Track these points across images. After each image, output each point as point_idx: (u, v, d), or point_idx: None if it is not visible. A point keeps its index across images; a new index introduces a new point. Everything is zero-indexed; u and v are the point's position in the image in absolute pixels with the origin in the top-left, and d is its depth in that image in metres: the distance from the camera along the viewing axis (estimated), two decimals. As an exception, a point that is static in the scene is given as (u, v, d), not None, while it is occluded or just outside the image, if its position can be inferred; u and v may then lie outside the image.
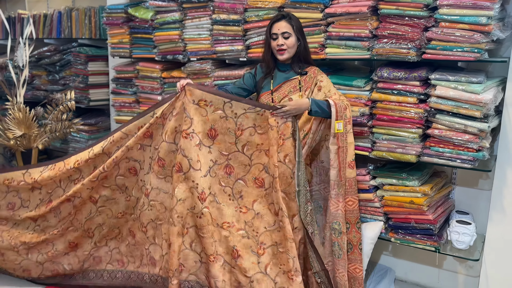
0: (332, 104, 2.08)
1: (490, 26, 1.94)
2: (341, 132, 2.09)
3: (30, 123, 3.08)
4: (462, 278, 2.55)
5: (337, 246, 2.13)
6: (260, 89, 2.30)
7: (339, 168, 2.10)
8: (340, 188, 2.11)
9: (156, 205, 2.23)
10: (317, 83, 2.22)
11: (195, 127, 2.13)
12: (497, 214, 2.21)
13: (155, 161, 2.21)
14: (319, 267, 2.13)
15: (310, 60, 2.28)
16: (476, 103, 2.00)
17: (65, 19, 3.81)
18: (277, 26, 2.19)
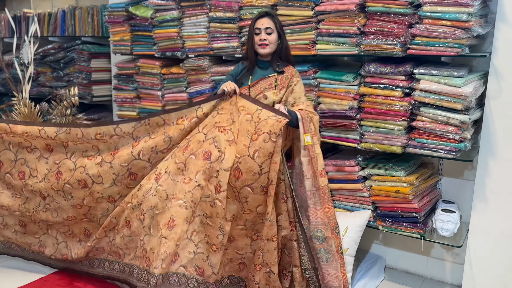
0: (300, 119, 2.20)
1: (470, 23, 2.03)
2: (310, 144, 2.20)
3: (35, 118, 3.20)
4: (449, 265, 2.65)
5: (323, 251, 2.22)
6: (240, 84, 2.39)
7: (312, 178, 2.21)
8: (316, 196, 2.22)
9: (160, 190, 2.25)
10: (291, 85, 2.33)
11: (232, 127, 2.22)
12: (480, 203, 2.30)
13: (181, 148, 2.29)
14: (309, 265, 2.24)
15: (290, 58, 2.39)
16: (458, 96, 2.09)
17: (68, 17, 3.93)
18: (261, 22, 2.31)
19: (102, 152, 2.41)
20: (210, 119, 2.30)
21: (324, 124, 2.51)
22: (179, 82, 3.11)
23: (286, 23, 2.55)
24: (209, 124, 2.28)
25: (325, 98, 2.47)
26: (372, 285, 2.56)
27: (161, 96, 3.20)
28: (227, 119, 2.25)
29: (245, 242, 2.25)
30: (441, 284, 2.65)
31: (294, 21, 2.51)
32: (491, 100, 2.20)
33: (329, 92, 2.46)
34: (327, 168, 2.54)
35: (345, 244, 2.37)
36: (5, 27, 4.61)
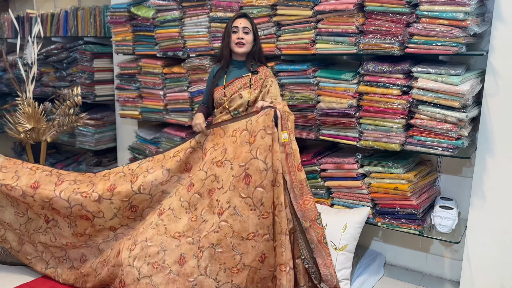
0: (278, 117, 2.27)
1: (467, 21, 2.06)
2: (287, 141, 2.27)
3: (39, 117, 3.24)
4: (447, 261, 2.68)
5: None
6: (216, 85, 2.48)
7: (289, 173, 2.27)
8: (296, 190, 2.28)
9: (160, 224, 2.36)
10: (266, 85, 2.42)
11: (228, 155, 2.31)
12: (478, 200, 2.33)
13: (185, 186, 2.41)
14: (307, 254, 2.27)
15: (263, 60, 2.52)
16: (455, 94, 2.12)
17: (71, 18, 3.97)
18: (239, 21, 2.40)
19: (96, 187, 2.46)
20: (209, 156, 2.40)
21: (324, 123, 2.54)
22: (181, 81, 3.15)
23: (286, 23, 2.58)
24: (208, 161, 2.38)
25: (325, 96, 2.50)
26: (372, 281, 2.59)
27: (163, 96, 3.24)
28: (220, 151, 2.35)
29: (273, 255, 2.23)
30: (440, 280, 2.68)
31: (293, 20, 2.55)
32: (488, 97, 2.22)
33: (328, 90, 2.49)
34: (327, 166, 2.57)
35: (345, 241, 2.41)
36: (9, 27, 4.65)
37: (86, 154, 4.33)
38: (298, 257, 2.30)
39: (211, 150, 2.41)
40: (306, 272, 2.29)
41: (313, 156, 2.65)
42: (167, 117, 3.27)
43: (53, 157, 4.47)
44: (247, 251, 2.14)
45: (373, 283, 2.59)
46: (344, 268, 2.41)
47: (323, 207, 2.57)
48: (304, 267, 2.28)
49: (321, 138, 2.58)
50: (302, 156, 2.65)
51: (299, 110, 2.60)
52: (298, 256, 2.30)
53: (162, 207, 2.43)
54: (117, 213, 2.44)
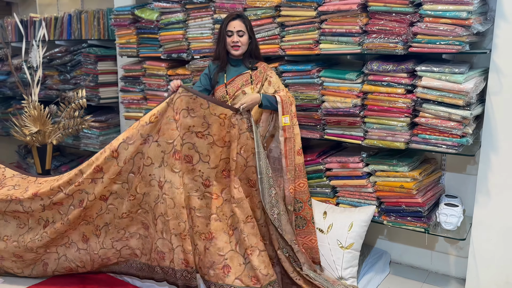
0: (279, 101, 2.35)
1: (470, 20, 2.08)
2: (288, 125, 2.34)
3: (44, 120, 3.27)
4: (453, 259, 2.69)
5: (300, 218, 2.44)
6: (216, 83, 2.51)
7: (285, 157, 2.37)
8: (290, 173, 2.37)
9: (166, 199, 2.31)
10: (267, 78, 2.47)
11: (211, 130, 2.33)
12: (483, 197, 2.35)
13: (170, 154, 2.31)
14: (283, 243, 2.34)
15: (260, 57, 2.55)
16: (459, 92, 2.14)
17: (75, 21, 3.99)
18: (233, 24, 2.40)
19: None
20: (182, 119, 2.33)
21: (328, 122, 2.56)
22: (185, 82, 3.16)
23: (290, 24, 2.61)
24: (184, 125, 2.33)
25: (329, 96, 2.52)
26: (378, 280, 2.61)
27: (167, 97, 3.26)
28: (201, 123, 2.34)
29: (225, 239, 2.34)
30: (446, 277, 2.69)
31: (297, 21, 2.57)
32: (491, 95, 2.24)
33: (332, 90, 2.51)
34: (332, 165, 2.59)
35: (351, 239, 2.42)
36: (12, 31, 4.68)
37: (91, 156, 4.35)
38: (278, 248, 2.35)
39: (184, 112, 2.33)
40: (288, 260, 2.35)
41: (318, 156, 2.67)
42: (172, 118, 3.28)
43: (57, 160, 4.49)
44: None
45: (379, 281, 2.61)
46: (350, 267, 2.43)
47: (328, 206, 2.59)
48: (285, 256, 2.35)
49: (326, 137, 2.60)
50: (307, 155, 2.68)
51: (303, 110, 2.63)
52: (277, 247, 2.35)
53: (160, 179, 2.34)
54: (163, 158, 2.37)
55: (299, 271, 2.34)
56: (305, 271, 2.33)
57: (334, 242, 2.44)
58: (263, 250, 2.31)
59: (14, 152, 4.94)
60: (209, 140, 2.34)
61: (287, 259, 2.34)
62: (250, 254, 2.27)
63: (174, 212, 2.31)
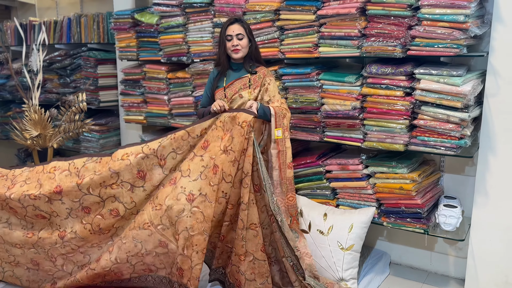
0: (273, 114, 2.34)
1: (467, 24, 2.11)
2: (280, 138, 2.34)
3: (45, 123, 3.28)
4: (452, 259, 2.72)
5: (292, 231, 2.39)
6: (216, 87, 2.52)
7: (279, 170, 2.37)
8: (282, 187, 2.37)
9: (196, 212, 2.22)
10: (265, 84, 2.46)
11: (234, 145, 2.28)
12: (481, 198, 2.37)
13: (210, 168, 2.27)
14: (290, 252, 2.34)
15: (261, 60, 2.55)
16: (457, 94, 2.16)
17: (74, 25, 4.01)
18: (232, 29, 2.42)
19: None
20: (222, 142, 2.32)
21: (328, 124, 2.58)
22: (185, 86, 3.19)
23: (289, 27, 2.63)
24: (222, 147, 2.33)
25: (329, 99, 2.55)
26: (378, 280, 2.63)
27: (167, 100, 3.28)
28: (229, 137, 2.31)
29: (232, 236, 2.38)
30: (445, 278, 2.71)
31: (297, 25, 2.59)
32: (489, 97, 2.27)
33: (332, 93, 2.53)
34: (332, 167, 2.61)
35: (351, 241, 2.44)
36: (12, 35, 4.69)
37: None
38: (283, 256, 2.36)
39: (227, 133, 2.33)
40: (292, 269, 2.36)
41: (318, 158, 2.69)
42: (172, 121, 3.31)
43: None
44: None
45: (379, 282, 2.63)
46: (351, 268, 2.45)
47: (328, 207, 2.61)
48: (289, 265, 2.36)
49: (325, 140, 2.62)
50: (307, 157, 2.70)
51: (303, 113, 2.65)
52: (283, 255, 2.36)
53: (192, 192, 2.26)
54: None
55: (301, 281, 2.34)
56: (307, 279, 2.33)
57: (334, 243, 2.45)
58: (261, 260, 2.31)
59: (13, 156, 4.95)
60: (231, 157, 2.26)
61: (292, 268, 2.35)
62: (242, 260, 2.29)
63: (201, 226, 2.22)
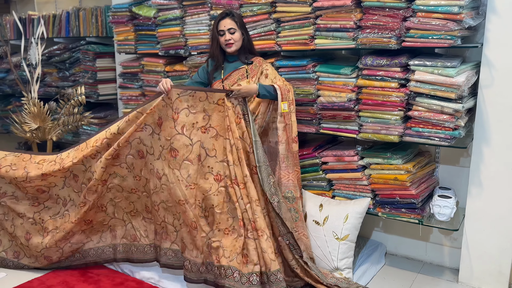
0: (277, 88, 2.42)
1: (461, 15, 2.12)
2: (286, 112, 2.41)
3: (44, 116, 3.32)
4: (447, 249, 2.74)
5: (293, 211, 2.47)
6: (212, 79, 2.57)
7: (287, 142, 2.42)
8: (289, 160, 2.43)
9: (165, 189, 2.42)
10: (263, 71, 2.52)
11: (212, 122, 2.38)
12: (475, 188, 2.40)
13: (167, 150, 2.40)
14: (285, 231, 2.38)
15: (254, 51, 2.60)
16: (451, 85, 2.18)
17: (73, 18, 4.03)
18: (223, 24, 2.46)
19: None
20: (185, 119, 2.38)
21: (324, 116, 2.60)
22: (183, 79, 3.21)
23: (285, 20, 2.64)
24: (188, 124, 2.38)
25: (324, 91, 2.56)
26: (373, 270, 2.66)
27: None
28: (203, 117, 2.39)
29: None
30: (440, 268, 2.74)
31: (293, 17, 2.60)
32: (483, 89, 2.29)
33: (328, 85, 2.55)
34: (328, 158, 2.64)
35: (346, 231, 2.47)
36: (11, 29, 4.71)
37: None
38: (279, 235, 2.40)
39: (185, 111, 2.38)
40: (288, 248, 2.39)
41: (314, 150, 2.71)
42: (170, 114, 3.33)
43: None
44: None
45: (375, 272, 2.66)
46: (346, 257, 2.48)
47: (324, 198, 2.64)
48: (285, 243, 2.39)
49: (321, 131, 2.65)
50: (303, 149, 2.72)
51: (299, 105, 2.67)
52: (278, 234, 2.40)
53: (158, 171, 2.43)
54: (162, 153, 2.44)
55: (298, 259, 2.38)
56: (304, 258, 2.38)
57: (329, 233, 2.48)
58: (269, 237, 2.35)
59: (14, 149, 4.97)
60: (211, 134, 2.38)
61: (287, 246, 2.38)
62: (260, 236, 2.30)
63: (173, 202, 2.42)
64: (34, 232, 2.68)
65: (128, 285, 2.53)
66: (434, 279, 2.61)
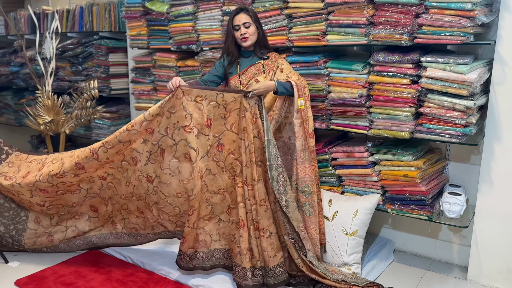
0: (294, 85, 2.43)
1: (475, 12, 2.11)
2: (303, 108, 2.42)
3: (58, 110, 3.37)
4: (456, 247, 2.74)
5: (308, 205, 2.49)
6: (229, 74, 2.60)
7: (305, 138, 2.45)
8: (306, 155, 2.45)
9: (158, 191, 2.50)
10: (278, 66, 2.55)
11: (194, 121, 2.40)
12: (486, 186, 2.40)
13: (157, 153, 2.45)
14: (291, 230, 2.41)
15: (269, 46, 2.63)
16: (463, 82, 2.18)
17: (86, 13, 4.07)
18: (238, 18, 2.49)
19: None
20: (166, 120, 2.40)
21: (334, 112, 2.61)
22: (194, 74, 3.24)
23: (297, 15, 2.65)
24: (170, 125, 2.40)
25: (335, 87, 2.57)
26: (382, 267, 2.67)
27: (177, 88, 3.33)
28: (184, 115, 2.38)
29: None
30: (449, 265, 2.74)
31: (305, 13, 2.62)
32: (496, 86, 2.28)
33: (339, 81, 2.56)
34: (338, 154, 2.65)
35: (355, 226, 2.48)
36: (25, 24, 4.77)
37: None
38: (285, 234, 2.42)
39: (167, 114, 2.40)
40: (294, 247, 2.41)
41: (324, 145, 2.73)
42: (181, 109, 3.36)
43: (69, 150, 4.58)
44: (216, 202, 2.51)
45: (383, 268, 2.67)
46: (354, 253, 2.49)
47: (334, 194, 2.65)
48: (291, 242, 2.41)
49: (332, 127, 2.66)
50: (314, 145, 2.73)
51: (310, 100, 2.67)
52: (284, 233, 2.42)
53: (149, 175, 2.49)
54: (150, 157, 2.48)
55: (303, 258, 2.40)
56: (309, 258, 2.40)
57: (339, 228, 2.50)
58: (273, 233, 2.38)
59: (26, 142, 5.06)
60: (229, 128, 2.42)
61: (293, 245, 2.41)
62: (262, 236, 2.36)
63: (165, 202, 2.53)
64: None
65: (139, 275, 2.57)
66: (443, 276, 2.62)
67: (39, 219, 2.78)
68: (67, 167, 2.51)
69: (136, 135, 2.42)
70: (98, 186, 2.66)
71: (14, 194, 2.69)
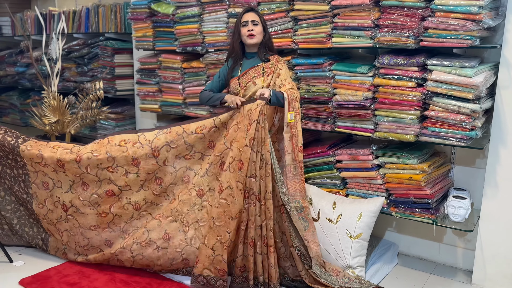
0: (286, 98, 2.39)
1: (481, 15, 2.11)
2: (293, 122, 2.40)
3: (63, 110, 3.38)
4: (460, 251, 2.73)
5: (302, 220, 2.46)
6: (231, 76, 2.61)
7: (293, 153, 2.42)
8: (296, 170, 2.42)
9: (207, 205, 2.47)
10: (277, 70, 2.52)
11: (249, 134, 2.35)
12: (491, 190, 2.38)
13: (217, 165, 2.46)
14: (298, 242, 2.39)
15: (273, 49, 2.63)
16: (468, 85, 2.17)
17: (92, 15, 4.09)
18: (247, 16, 2.51)
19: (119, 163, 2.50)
20: (233, 134, 2.42)
21: (339, 115, 2.61)
22: (199, 75, 3.24)
23: (303, 18, 2.66)
24: (231, 139, 2.43)
25: (341, 89, 2.57)
26: (386, 270, 2.66)
27: (182, 90, 3.34)
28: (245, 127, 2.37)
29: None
30: (453, 269, 2.73)
31: (310, 15, 2.62)
32: (501, 89, 2.27)
33: (344, 83, 2.56)
34: (342, 157, 2.65)
35: (359, 229, 2.48)
36: (31, 24, 4.80)
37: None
38: (291, 246, 2.41)
39: (234, 127, 2.43)
40: (300, 258, 2.41)
41: (329, 148, 2.72)
42: (186, 110, 3.37)
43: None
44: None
45: (387, 271, 2.66)
46: (358, 256, 2.48)
47: (338, 197, 2.64)
48: (297, 254, 2.40)
49: (336, 130, 2.65)
50: (318, 147, 2.73)
51: (315, 103, 2.68)
52: (291, 244, 2.41)
53: (199, 187, 2.48)
54: (143, 186, 2.51)
55: (307, 270, 2.39)
56: (313, 268, 2.38)
57: (343, 231, 2.49)
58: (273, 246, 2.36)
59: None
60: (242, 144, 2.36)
61: (299, 257, 2.40)
62: (271, 252, 2.35)
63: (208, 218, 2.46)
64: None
65: (142, 276, 2.57)
66: (447, 280, 2.60)
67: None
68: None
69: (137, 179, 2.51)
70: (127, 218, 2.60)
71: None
